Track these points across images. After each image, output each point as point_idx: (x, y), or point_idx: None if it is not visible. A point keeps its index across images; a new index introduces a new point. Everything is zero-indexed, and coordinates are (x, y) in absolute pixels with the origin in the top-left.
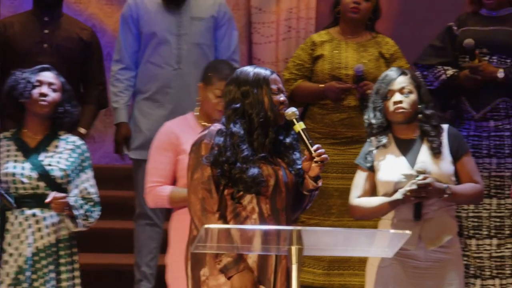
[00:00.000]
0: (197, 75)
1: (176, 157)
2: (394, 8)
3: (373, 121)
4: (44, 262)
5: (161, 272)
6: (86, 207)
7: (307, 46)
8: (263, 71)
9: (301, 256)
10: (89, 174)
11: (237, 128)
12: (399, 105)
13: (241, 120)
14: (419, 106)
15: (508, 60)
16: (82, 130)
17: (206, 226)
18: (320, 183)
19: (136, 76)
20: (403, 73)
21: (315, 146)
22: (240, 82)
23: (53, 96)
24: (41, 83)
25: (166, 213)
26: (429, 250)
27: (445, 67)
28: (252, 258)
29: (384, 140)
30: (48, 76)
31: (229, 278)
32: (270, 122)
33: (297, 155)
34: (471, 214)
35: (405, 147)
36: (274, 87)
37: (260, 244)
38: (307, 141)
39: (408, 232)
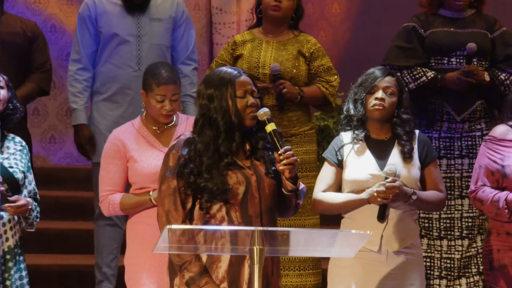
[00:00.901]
0: None
1: (125, 164)
2: (355, 8)
3: (353, 112)
4: (10, 264)
5: (123, 273)
6: (38, 208)
7: (229, 46)
8: (230, 73)
9: (262, 257)
10: (32, 174)
11: (202, 137)
12: (381, 102)
13: (207, 127)
14: (396, 110)
15: (484, 62)
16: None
17: (169, 226)
18: (300, 185)
19: (94, 77)
20: (390, 74)
21: (284, 148)
22: (207, 84)
23: (2, 93)
24: None
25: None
26: (391, 251)
27: (424, 69)
28: (222, 268)
29: (361, 134)
30: None
31: None
32: (235, 126)
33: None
34: (443, 215)
35: (376, 148)
36: (240, 90)
37: (221, 245)
38: (276, 142)
39: (369, 232)
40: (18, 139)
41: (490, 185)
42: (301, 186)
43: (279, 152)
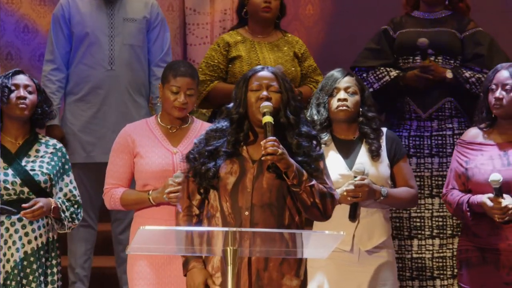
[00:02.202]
0: (129, 76)
1: (131, 160)
2: (329, 9)
3: (316, 117)
4: (34, 266)
5: (95, 274)
6: (72, 209)
7: (221, 47)
8: (254, 69)
9: (236, 257)
10: (71, 176)
11: (217, 125)
12: (344, 102)
13: (225, 116)
14: (361, 109)
15: (452, 61)
16: None
17: (141, 227)
18: (293, 180)
19: (67, 77)
20: (349, 74)
21: (266, 139)
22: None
23: (30, 98)
24: (17, 86)
25: (100, 215)
26: (363, 251)
27: (388, 68)
28: (217, 258)
29: (325, 137)
30: (23, 78)
31: (185, 275)
32: (244, 117)
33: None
34: (413, 214)
35: (344, 148)
36: (255, 83)
37: (196, 246)
38: (266, 134)
39: (342, 233)
40: (52, 142)
41: (458, 188)
42: (312, 182)
43: (262, 143)
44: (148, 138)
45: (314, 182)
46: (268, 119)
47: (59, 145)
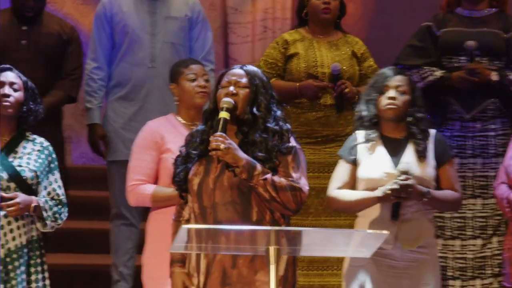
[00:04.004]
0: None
1: (159, 156)
2: (370, 8)
3: (364, 113)
4: (16, 264)
5: (139, 273)
6: (55, 208)
7: (279, 45)
8: (232, 67)
9: (279, 257)
10: (56, 175)
11: (195, 128)
12: (393, 101)
13: (203, 118)
14: (410, 109)
15: (496, 62)
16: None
17: (184, 226)
18: (242, 174)
19: (109, 76)
20: (401, 73)
21: (214, 134)
22: None
23: (15, 96)
24: (2, 84)
25: (143, 213)
26: (406, 250)
27: (432, 68)
28: (193, 258)
29: (373, 135)
30: (9, 76)
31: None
32: (214, 114)
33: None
34: (456, 215)
35: (391, 146)
36: (225, 80)
37: (236, 245)
38: (218, 129)
39: (385, 232)
40: (39, 140)
41: (508, 183)
42: (266, 176)
43: (210, 138)
44: (175, 135)
45: (267, 176)
46: (223, 114)
47: (46, 143)
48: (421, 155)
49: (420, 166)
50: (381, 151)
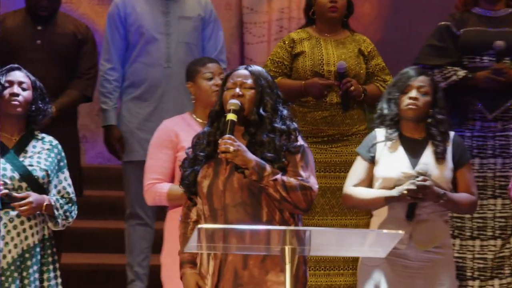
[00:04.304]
0: (185, 74)
1: (175, 154)
2: (386, 7)
3: (386, 111)
4: (29, 263)
5: (153, 272)
6: (66, 207)
7: (286, 44)
8: (237, 68)
9: (294, 256)
10: (66, 173)
11: (202, 130)
12: (414, 101)
13: (209, 119)
14: (431, 110)
15: None
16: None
17: (199, 226)
18: (252, 176)
19: (123, 76)
20: (424, 73)
21: (223, 136)
22: None
23: (24, 95)
24: (11, 83)
25: (158, 213)
26: (421, 251)
27: (455, 68)
28: (204, 260)
29: (393, 134)
30: (18, 75)
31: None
32: (220, 116)
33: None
34: (476, 215)
35: (410, 147)
36: (230, 81)
37: (251, 244)
38: (226, 131)
39: (401, 232)
40: (48, 138)
41: None
42: (276, 176)
43: (219, 140)
44: (190, 134)
45: (277, 176)
46: (230, 116)
47: (55, 141)
48: (440, 157)
49: (438, 168)
50: (400, 151)
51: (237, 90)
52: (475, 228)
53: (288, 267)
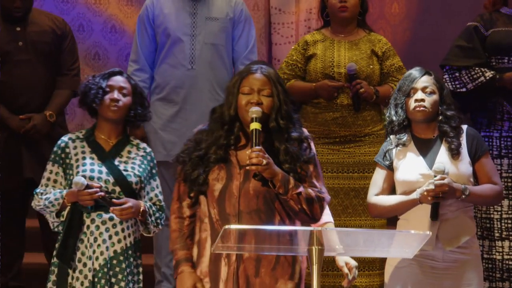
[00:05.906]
0: (210, 75)
1: None
2: (414, 7)
3: (394, 118)
4: (123, 265)
5: None
6: (157, 214)
7: (300, 46)
8: (249, 68)
9: (321, 257)
10: (157, 181)
11: (210, 127)
12: (421, 103)
13: (218, 118)
14: (440, 107)
15: None
16: (48, 113)
17: (226, 226)
18: (279, 189)
19: (151, 77)
20: (427, 73)
21: (252, 148)
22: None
23: (124, 100)
24: (111, 88)
25: None
26: (447, 250)
27: (483, 69)
28: (204, 263)
29: (404, 138)
30: (119, 80)
31: (175, 278)
32: (234, 120)
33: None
34: (504, 216)
35: (424, 147)
36: (246, 86)
37: (277, 245)
38: (252, 142)
39: (428, 232)
40: (142, 145)
41: None
42: (299, 189)
43: (247, 152)
44: None
45: (301, 189)
46: (255, 125)
47: (148, 149)
48: (455, 153)
49: (454, 164)
50: (415, 153)
51: (256, 97)
52: (504, 229)
53: (315, 268)
